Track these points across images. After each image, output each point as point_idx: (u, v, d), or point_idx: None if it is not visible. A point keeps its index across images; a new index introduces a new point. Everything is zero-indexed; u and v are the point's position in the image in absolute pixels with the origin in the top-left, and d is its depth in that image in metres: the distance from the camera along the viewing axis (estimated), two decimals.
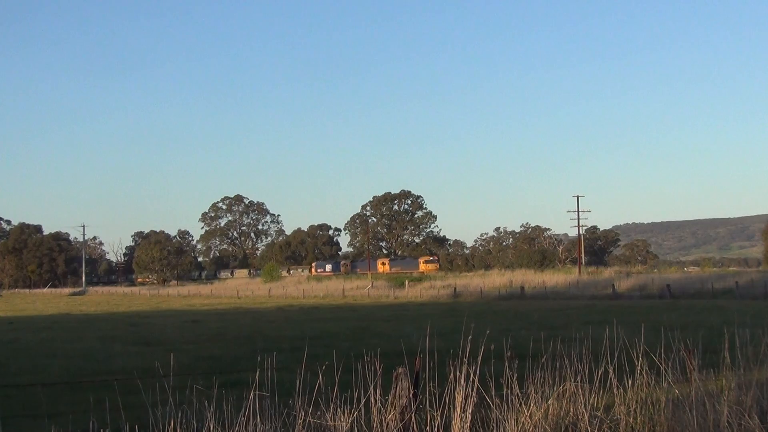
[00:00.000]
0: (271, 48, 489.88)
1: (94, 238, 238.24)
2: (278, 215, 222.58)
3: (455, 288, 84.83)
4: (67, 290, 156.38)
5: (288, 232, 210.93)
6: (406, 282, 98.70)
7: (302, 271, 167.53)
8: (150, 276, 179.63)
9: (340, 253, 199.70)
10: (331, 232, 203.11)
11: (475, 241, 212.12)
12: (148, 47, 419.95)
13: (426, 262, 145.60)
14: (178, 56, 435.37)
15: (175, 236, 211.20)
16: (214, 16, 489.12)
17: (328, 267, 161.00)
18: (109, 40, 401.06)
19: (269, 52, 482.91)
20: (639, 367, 10.94)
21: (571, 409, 10.26)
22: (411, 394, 9.59)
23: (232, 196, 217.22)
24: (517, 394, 9.78)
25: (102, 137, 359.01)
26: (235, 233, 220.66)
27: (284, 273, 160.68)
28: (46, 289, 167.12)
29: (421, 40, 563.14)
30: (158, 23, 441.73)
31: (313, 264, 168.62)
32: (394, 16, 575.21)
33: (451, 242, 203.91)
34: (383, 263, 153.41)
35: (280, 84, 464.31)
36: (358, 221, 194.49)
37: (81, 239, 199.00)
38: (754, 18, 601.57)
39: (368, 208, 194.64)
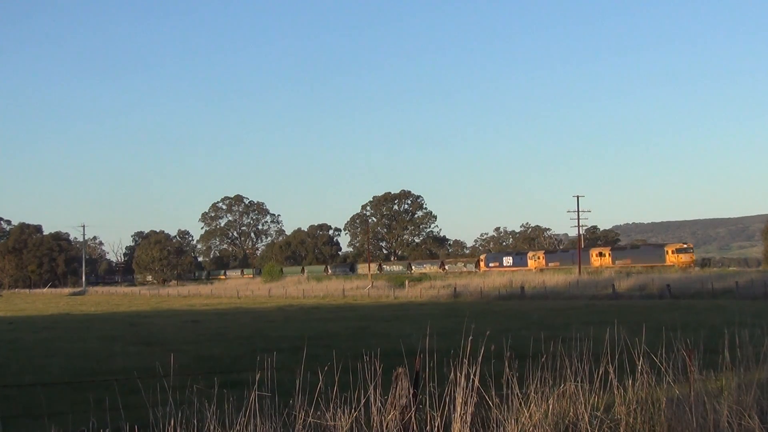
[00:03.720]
0: (270, 48, 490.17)
1: (94, 238, 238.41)
2: (278, 215, 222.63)
3: (455, 288, 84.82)
4: (67, 290, 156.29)
5: (288, 232, 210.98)
6: (406, 282, 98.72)
7: (433, 266, 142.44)
8: (150, 275, 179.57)
9: (340, 253, 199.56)
10: (331, 232, 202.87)
11: (475, 241, 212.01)
12: (148, 47, 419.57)
13: (678, 251, 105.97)
14: (177, 56, 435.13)
15: (175, 236, 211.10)
16: (214, 17, 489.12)
17: (507, 260, 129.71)
18: (108, 40, 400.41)
19: (269, 52, 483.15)
20: (639, 367, 10.94)
21: (572, 409, 10.26)
22: (411, 394, 9.59)
23: (232, 196, 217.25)
24: (517, 395, 9.77)
25: (102, 137, 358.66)
26: (235, 233, 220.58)
27: (416, 272, 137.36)
28: (46, 289, 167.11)
29: (421, 40, 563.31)
30: (158, 24, 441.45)
31: (482, 257, 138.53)
32: (394, 16, 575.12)
33: (451, 242, 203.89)
34: (600, 253, 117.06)
35: (279, 84, 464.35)
36: (358, 221, 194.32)
37: (81, 239, 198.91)
38: (753, 18, 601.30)
39: (368, 208, 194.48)
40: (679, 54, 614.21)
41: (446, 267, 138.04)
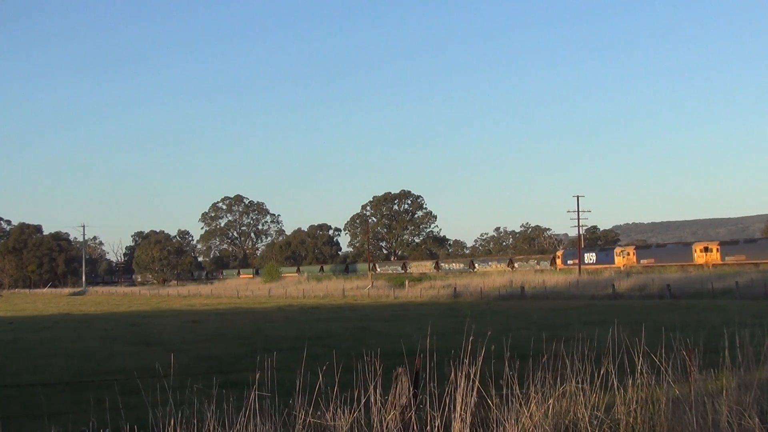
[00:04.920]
0: (270, 48, 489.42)
1: (94, 238, 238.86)
2: (278, 215, 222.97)
3: (455, 288, 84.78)
4: (67, 290, 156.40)
5: (288, 232, 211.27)
6: (406, 282, 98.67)
7: (501, 263, 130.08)
8: (150, 275, 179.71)
9: (340, 253, 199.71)
10: (331, 232, 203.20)
11: (475, 241, 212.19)
12: (148, 47, 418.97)
13: None
14: (177, 56, 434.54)
15: (175, 236, 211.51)
16: (214, 17, 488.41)
17: (590, 257, 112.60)
18: (108, 40, 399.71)
19: (269, 51, 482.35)
20: (639, 367, 10.94)
21: (572, 409, 10.26)
22: (411, 394, 9.59)
23: (232, 196, 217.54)
24: (518, 395, 9.77)
25: (102, 137, 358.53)
26: (235, 233, 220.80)
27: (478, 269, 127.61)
28: (46, 289, 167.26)
29: (420, 40, 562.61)
30: (158, 24, 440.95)
31: (560, 253, 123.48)
32: (394, 16, 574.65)
33: (451, 242, 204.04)
34: (706, 248, 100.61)
35: (279, 84, 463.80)
36: (358, 221, 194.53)
37: (81, 239, 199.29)
38: (753, 18, 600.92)
39: (368, 208, 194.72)
40: (678, 54, 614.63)
41: (516, 264, 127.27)
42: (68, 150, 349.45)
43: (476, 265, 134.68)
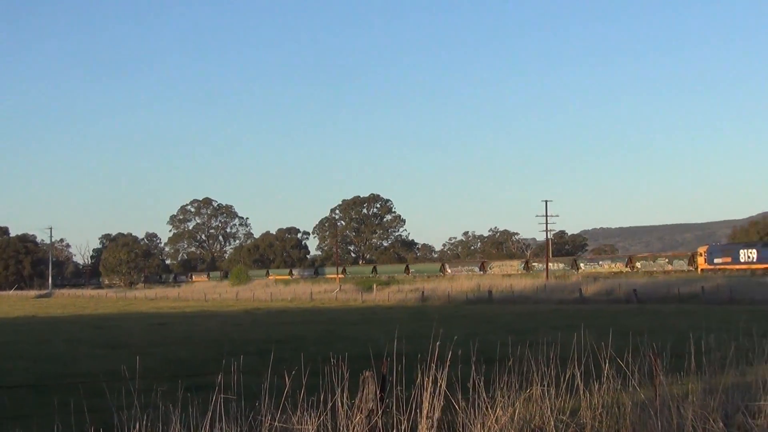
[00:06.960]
0: (240, 51, 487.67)
1: (61, 240, 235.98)
2: (247, 218, 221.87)
3: (423, 292, 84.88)
4: (33, 292, 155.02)
5: (256, 236, 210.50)
6: (374, 285, 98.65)
7: (615, 261, 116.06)
8: (117, 278, 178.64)
9: (308, 256, 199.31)
10: (299, 235, 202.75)
11: (444, 245, 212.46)
12: (122, 51, 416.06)
13: None
14: (148, 60, 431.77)
15: (143, 239, 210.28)
16: (185, 20, 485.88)
17: (748, 254, 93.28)
18: (85, 43, 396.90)
19: (239, 55, 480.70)
20: (605, 372, 11.00)
21: (537, 413, 10.31)
22: (378, 398, 9.59)
23: (201, 199, 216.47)
24: (484, 398, 9.79)
25: (70, 139, 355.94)
26: (203, 236, 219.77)
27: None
28: (11, 292, 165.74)
29: (389, 43, 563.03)
30: (147, 25, 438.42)
31: (702, 250, 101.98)
32: (363, 19, 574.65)
33: (420, 246, 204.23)
34: None
35: (250, 87, 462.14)
36: (326, 225, 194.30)
37: (48, 241, 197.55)
38: (730, 23, 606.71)
39: (337, 211, 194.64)
40: (648, 60, 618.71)
41: (638, 264, 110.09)
42: (36, 152, 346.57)
43: (582, 265, 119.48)
